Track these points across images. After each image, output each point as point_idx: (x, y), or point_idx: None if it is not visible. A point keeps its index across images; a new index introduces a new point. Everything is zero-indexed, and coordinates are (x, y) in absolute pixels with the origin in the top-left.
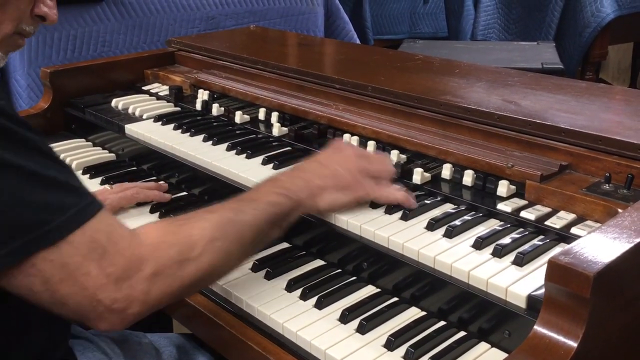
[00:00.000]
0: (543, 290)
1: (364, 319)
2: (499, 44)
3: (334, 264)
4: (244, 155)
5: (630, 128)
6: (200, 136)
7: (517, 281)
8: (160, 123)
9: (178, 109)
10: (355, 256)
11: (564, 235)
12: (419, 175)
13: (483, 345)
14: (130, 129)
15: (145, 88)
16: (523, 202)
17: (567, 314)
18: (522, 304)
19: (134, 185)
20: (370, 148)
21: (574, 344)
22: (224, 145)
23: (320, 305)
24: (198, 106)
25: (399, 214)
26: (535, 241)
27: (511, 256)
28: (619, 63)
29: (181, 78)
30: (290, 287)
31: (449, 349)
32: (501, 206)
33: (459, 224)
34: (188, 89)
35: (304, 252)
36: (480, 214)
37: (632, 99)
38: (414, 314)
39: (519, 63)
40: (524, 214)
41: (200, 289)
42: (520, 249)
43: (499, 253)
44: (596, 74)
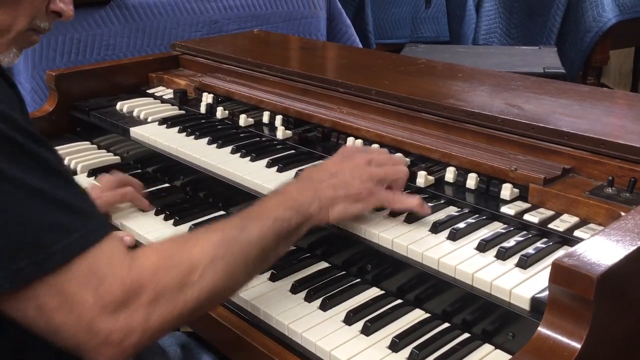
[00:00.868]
0: (547, 292)
1: (369, 320)
2: (501, 48)
3: (339, 266)
4: (249, 158)
5: (633, 132)
6: (205, 139)
7: (521, 283)
8: (165, 126)
9: (182, 112)
10: (360, 258)
11: (567, 238)
12: (422, 179)
13: (487, 347)
14: (135, 131)
15: (150, 91)
16: (526, 205)
17: (571, 316)
18: (526, 305)
19: (119, 180)
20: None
21: (578, 346)
22: (229, 148)
23: (325, 307)
24: (202, 109)
25: (403, 216)
26: (539, 244)
27: (515, 259)
28: (620, 68)
29: (185, 81)
30: (295, 289)
31: (453, 351)
32: (504, 209)
33: (462, 226)
34: (192, 92)
35: (309, 254)
36: (484, 217)
37: (635, 103)
38: (418, 315)
39: (520, 67)
40: (527, 217)
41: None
42: (523, 252)
43: (502, 255)
44: (597, 79)
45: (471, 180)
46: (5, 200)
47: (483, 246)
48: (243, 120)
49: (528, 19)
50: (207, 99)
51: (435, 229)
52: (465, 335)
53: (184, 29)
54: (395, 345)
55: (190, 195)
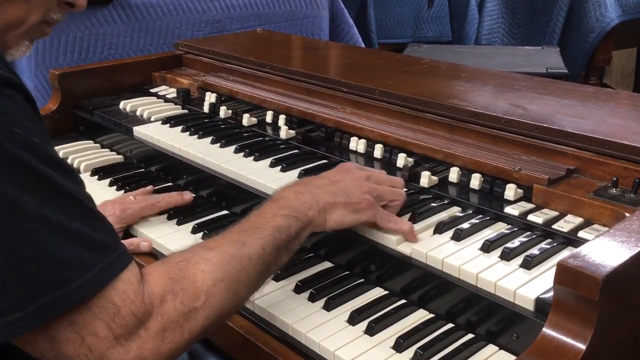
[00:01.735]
0: (551, 293)
1: (373, 320)
2: (503, 48)
3: (342, 266)
4: (252, 157)
5: (637, 133)
6: (208, 138)
7: (525, 284)
8: (168, 125)
9: (186, 111)
10: (364, 258)
11: (572, 239)
12: (426, 179)
13: (491, 348)
14: (139, 130)
15: (153, 90)
16: (530, 206)
17: (576, 317)
18: (530, 306)
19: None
20: (378, 152)
21: (583, 347)
22: (232, 148)
23: (328, 307)
24: (205, 109)
25: (407, 216)
26: (543, 244)
27: (519, 259)
28: (623, 68)
29: (189, 81)
30: (299, 289)
31: (457, 351)
32: (509, 209)
33: (466, 227)
34: (195, 91)
35: (312, 254)
36: (488, 217)
37: (639, 104)
38: (422, 316)
39: (523, 67)
40: (531, 217)
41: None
42: (528, 252)
43: (506, 256)
44: (600, 79)
45: (475, 181)
46: (23, 236)
47: (487, 247)
48: (246, 119)
49: (531, 19)
50: (210, 98)
51: (439, 229)
52: (470, 335)
53: (186, 28)
54: (399, 345)
55: (194, 195)
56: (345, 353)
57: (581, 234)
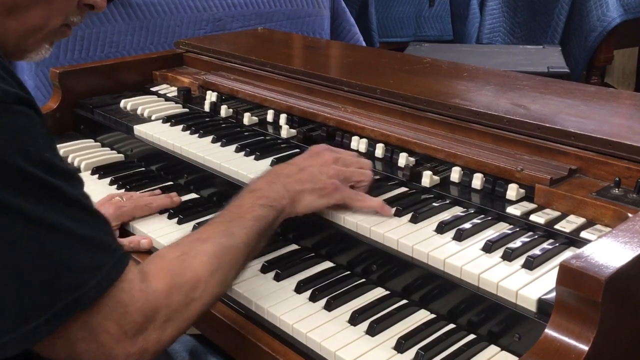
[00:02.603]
0: (553, 293)
1: (374, 321)
2: (505, 47)
3: (343, 266)
4: (253, 156)
5: None
6: (209, 137)
7: (528, 285)
8: (168, 124)
9: (186, 110)
10: (365, 258)
11: (574, 239)
12: (427, 178)
13: (493, 349)
14: (139, 129)
15: (154, 89)
16: (532, 206)
17: (578, 318)
18: (533, 307)
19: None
20: (379, 151)
21: (585, 348)
22: (233, 147)
23: (329, 307)
24: (206, 107)
25: (409, 216)
26: (545, 245)
27: (521, 259)
28: (624, 68)
29: (189, 79)
30: (300, 289)
31: (458, 352)
32: (510, 210)
33: (468, 227)
34: (196, 90)
35: (313, 254)
36: (490, 217)
37: None
38: (423, 316)
39: (524, 67)
40: (533, 217)
41: None
42: (530, 253)
43: (508, 256)
44: (601, 79)
45: (477, 181)
46: (37, 245)
47: (489, 247)
48: (247, 118)
49: (532, 18)
50: (211, 97)
51: (441, 229)
52: (471, 336)
53: (187, 27)
54: (401, 346)
55: (196, 196)
56: (346, 353)
57: (583, 235)
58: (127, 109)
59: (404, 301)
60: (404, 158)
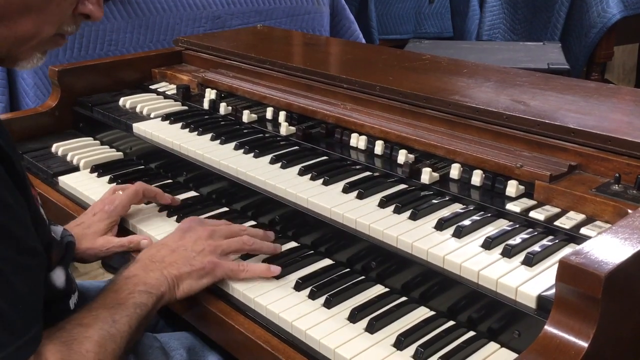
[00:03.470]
0: (553, 290)
1: (373, 318)
2: (505, 44)
3: (343, 263)
4: (252, 154)
5: None
6: (208, 135)
7: (527, 281)
8: (168, 122)
9: (185, 107)
10: (364, 255)
11: (574, 236)
12: (427, 175)
13: (492, 345)
14: (138, 127)
15: (153, 87)
16: (532, 203)
17: (578, 314)
18: (532, 304)
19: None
20: (379, 148)
21: (585, 344)
22: (232, 144)
23: (329, 305)
24: (205, 105)
25: (408, 213)
26: (545, 241)
27: (521, 256)
28: (624, 64)
29: (189, 77)
30: (299, 286)
31: (458, 349)
32: (510, 206)
33: (468, 223)
34: (195, 88)
35: (312, 251)
36: (489, 214)
37: None
38: (423, 313)
39: (525, 63)
40: (533, 214)
41: None
42: (529, 249)
43: (508, 253)
44: (601, 75)
45: (476, 177)
46: None
47: (489, 244)
48: (246, 116)
49: (532, 15)
50: (210, 94)
51: (441, 226)
52: (471, 333)
53: (186, 25)
54: (400, 343)
55: (196, 194)
56: (345, 351)
57: (583, 231)
58: (126, 107)
59: (404, 298)
60: (403, 155)
